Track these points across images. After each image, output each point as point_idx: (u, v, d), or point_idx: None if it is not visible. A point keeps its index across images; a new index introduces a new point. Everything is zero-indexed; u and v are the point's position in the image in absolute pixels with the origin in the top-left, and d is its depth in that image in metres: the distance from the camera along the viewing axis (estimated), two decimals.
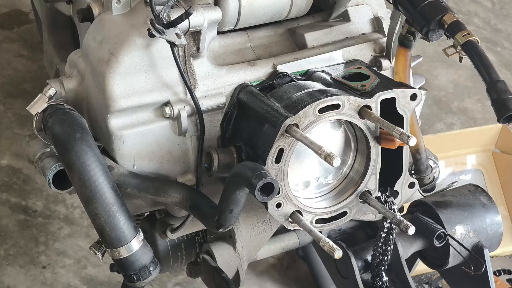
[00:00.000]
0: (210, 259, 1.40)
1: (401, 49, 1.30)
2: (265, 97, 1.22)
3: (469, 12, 3.55)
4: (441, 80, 3.09)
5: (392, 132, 1.09)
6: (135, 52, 1.17)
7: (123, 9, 1.23)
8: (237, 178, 1.09)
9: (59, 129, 1.14)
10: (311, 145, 1.05)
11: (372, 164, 1.21)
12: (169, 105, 1.21)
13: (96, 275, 2.09)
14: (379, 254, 1.40)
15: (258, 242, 1.41)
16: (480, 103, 2.97)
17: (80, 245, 2.17)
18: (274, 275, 2.14)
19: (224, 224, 1.15)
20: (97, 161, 1.13)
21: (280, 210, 1.17)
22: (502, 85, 1.07)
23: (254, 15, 1.29)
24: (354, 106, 1.14)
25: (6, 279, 2.05)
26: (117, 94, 1.17)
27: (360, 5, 1.39)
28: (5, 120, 2.57)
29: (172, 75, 1.20)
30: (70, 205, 2.29)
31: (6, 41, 2.93)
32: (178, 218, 1.42)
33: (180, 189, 1.22)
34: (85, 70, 1.25)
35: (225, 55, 1.31)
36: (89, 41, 1.24)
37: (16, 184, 2.35)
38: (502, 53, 3.30)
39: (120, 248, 1.14)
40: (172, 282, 2.09)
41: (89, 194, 1.12)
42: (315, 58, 1.31)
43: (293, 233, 1.53)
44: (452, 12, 1.16)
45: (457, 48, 1.14)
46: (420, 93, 1.19)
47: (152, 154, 1.24)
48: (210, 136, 1.26)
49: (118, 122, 1.20)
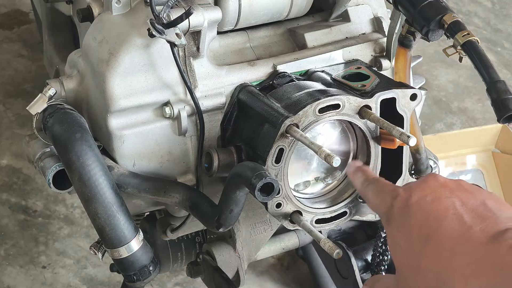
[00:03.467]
0: (210, 259, 1.40)
1: (401, 49, 1.30)
2: (265, 97, 1.22)
3: (469, 12, 3.55)
4: (441, 80, 3.09)
5: (392, 132, 1.09)
6: (135, 52, 1.17)
7: (123, 9, 1.23)
8: (237, 178, 1.09)
9: (59, 129, 1.14)
10: (311, 145, 1.05)
11: (372, 164, 1.21)
12: (169, 105, 1.21)
13: (96, 275, 2.09)
14: (379, 254, 1.40)
15: (258, 242, 1.41)
16: (480, 103, 2.97)
17: (80, 245, 2.17)
18: (274, 275, 2.14)
19: (224, 224, 1.15)
20: (97, 161, 1.13)
21: (280, 210, 1.17)
22: (502, 85, 1.07)
23: (254, 15, 1.29)
24: (354, 106, 1.14)
25: (6, 279, 2.05)
26: (117, 94, 1.17)
27: (360, 5, 1.39)
28: (5, 120, 2.57)
29: (172, 75, 1.20)
30: (70, 205, 2.30)
31: (6, 41, 2.93)
32: (178, 218, 1.42)
33: (180, 189, 1.22)
34: (85, 70, 1.25)
35: (225, 55, 1.31)
36: (89, 41, 1.24)
37: (16, 184, 2.35)
38: (502, 53, 3.31)
39: (120, 248, 1.14)
40: (172, 282, 2.09)
41: (89, 194, 1.12)
42: (315, 58, 1.31)
43: (293, 233, 1.53)
44: (452, 12, 1.16)
45: (457, 48, 1.13)
46: (420, 93, 1.19)
47: (152, 154, 1.24)
48: (210, 136, 1.26)
49: (118, 122, 1.20)
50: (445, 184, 0.88)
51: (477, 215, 0.83)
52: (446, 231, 0.82)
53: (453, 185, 0.88)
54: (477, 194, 0.87)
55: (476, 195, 0.86)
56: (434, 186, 0.88)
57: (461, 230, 0.81)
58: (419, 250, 0.84)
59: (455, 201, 0.85)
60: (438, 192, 0.87)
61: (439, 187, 0.88)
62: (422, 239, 0.84)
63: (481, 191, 0.88)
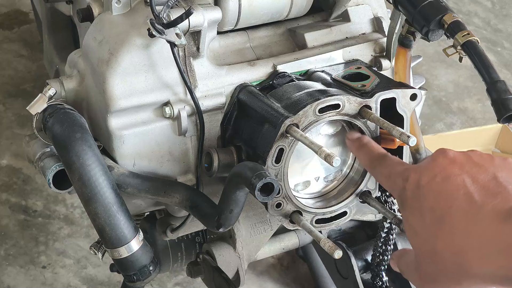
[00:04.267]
0: (210, 259, 1.40)
1: (401, 49, 1.30)
2: (265, 97, 1.22)
3: (469, 12, 3.56)
4: (441, 80, 3.09)
5: (392, 132, 1.09)
6: (135, 52, 1.17)
7: (123, 9, 1.23)
8: (237, 178, 1.09)
9: (59, 129, 1.14)
10: (311, 145, 1.05)
11: None
12: (169, 105, 1.21)
13: (96, 275, 2.09)
14: (379, 254, 1.40)
15: (258, 242, 1.41)
16: (480, 103, 2.97)
17: (80, 245, 2.17)
18: (274, 275, 2.14)
19: (224, 224, 1.15)
20: (97, 161, 1.13)
21: (280, 210, 1.17)
22: (502, 85, 1.07)
23: (254, 15, 1.29)
24: (354, 106, 1.14)
25: (6, 279, 2.05)
26: (117, 94, 1.17)
27: (360, 5, 1.39)
28: (5, 120, 2.58)
29: (172, 75, 1.20)
30: (70, 205, 2.30)
31: (6, 41, 2.94)
32: (178, 218, 1.42)
33: (180, 189, 1.22)
34: (85, 70, 1.25)
35: (225, 55, 1.31)
36: (89, 41, 1.24)
37: (16, 184, 2.35)
38: (502, 53, 3.31)
39: (120, 248, 1.14)
40: (172, 282, 2.09)
41: (89, 194, 1.12)
42: (315, 58, 1.31)
43: (293, 233, 1.53)
44: (452, 12, 1.16)
45: (457, 48, 1.13)
46: (420, 93, 1.19)
47: (152, 154, 1.24)
48: (210, 136, 1.26)
49: (118, 122, 1.20)
50: (454, 160, 0.87)
51: (488, 192, 0.81)
52: (458, 212, 0.82)
53: (463, 159, 0.87)
54: (489, 166, 0.85)
55: (488, 168, 0.85)
56: (443, 163, 0.87)
57: (473, 210, 0.80)
58: (433, 233, 0.83)
59: (465, 179, 0.84)
60: (448, 170, 0.85)
61: (448, 164, 0.86)
62: (436, 221, 0.83)
63: (492, 161, 0.86)
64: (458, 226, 0.81)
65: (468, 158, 0.87)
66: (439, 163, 0.87)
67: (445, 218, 0.82)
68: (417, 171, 0.89)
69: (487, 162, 0.86)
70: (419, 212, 0.86)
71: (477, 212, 0.80)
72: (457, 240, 0.81)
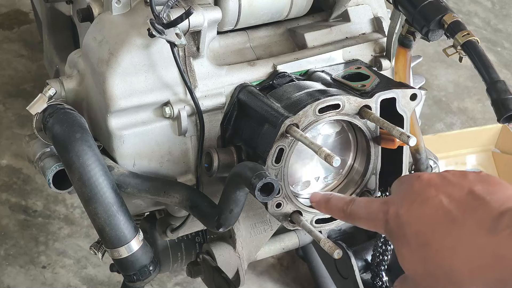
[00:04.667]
0: (210, 259, 1.40)
1: (401, 49, 1.30)
2: (265, 97, 1.22)
3: (469, 12, 3.56)
4: (441, 80, 3.09)
5: (392, 132, 1.09)
6: (135, 52, 1.17)
7: (123, 9, 1.23)
8: (237, 178, 1.09)
9: (59, 129, 1.14)
10: (311, 145, 1.05)
11: (372, 164, 1.21)
12: (169, 105, 1.21)
13: (96, 275, 2.09)
14: (379, 254, 1.40)
15: (258, 242, 1.41)
16: (480, 103, 2.97)
17: (80, 245, 2.17)
18: (274, 275, 2.14)
19: (224, 224, 1.15)
20: (97, 161, 1.13)
21: (280, 210, 1.17)
22: (502, 85, 1.07)
23: (254, 15, 1.29)
24: (354, 106, 1.14)
25: (6, 279, 2.05)
26: (117, 94, 1.17)
27: (360, 5, 1.39)
28: (5, 120, 2.58)
29: (172, 75, 1.20)
30: (70, 205, 2.30)
31: (6, 41, 2.94)
32: (178, 218, 1.42)
33: (180, 189, 1.22)
34: (85, 70, 1.25)
35: (225, 55, 1.31)
36: (89, 41, 1.24)
37: (16, 184, 2.35)
38: (502, 53, 3.31)
39: (120, 248, 1.14)
40: (172, 282, 2.09)
41: (89, 194, 1.12)
42: (315, 58, 1.31)
43: (293, 233, 1.53)
44: (452, 12, 1.16)
45: (457, 48, 1.13)
46: (420, 93, 1.19)
47: (152, 154, 1.24)
48: (210, 136, 1.26)
49: (118, 122, 1.20)
50: (429, 183, 0.87)
51: (467, 207, 0.82)
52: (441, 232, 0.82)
53: (438, 180, 0.87)
54: (463, 182, 0.85)
55: (462, 184, 0.85)
56: (419, 188, 0.88)
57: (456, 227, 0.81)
58: (422, 257, 0.84)
59: (442, 198, 0.84)
60: (425, 194, 0.86)
61: (425, 188, 0.87)
62: (421, 245, 0.84)
63: (466, 177, 0.87)
64: (444, 246, 0.82)
65: (442, 178, 0.88)
66: (415, 188, 0.88)
67: (430, 242, 0.83)
68: (395, 201, 0.90)
69: (461, 178, 0.87)
70: (405, 239, 0.86)
71: (460, 228, 0.81)
72: (445, 260, 0.81)
